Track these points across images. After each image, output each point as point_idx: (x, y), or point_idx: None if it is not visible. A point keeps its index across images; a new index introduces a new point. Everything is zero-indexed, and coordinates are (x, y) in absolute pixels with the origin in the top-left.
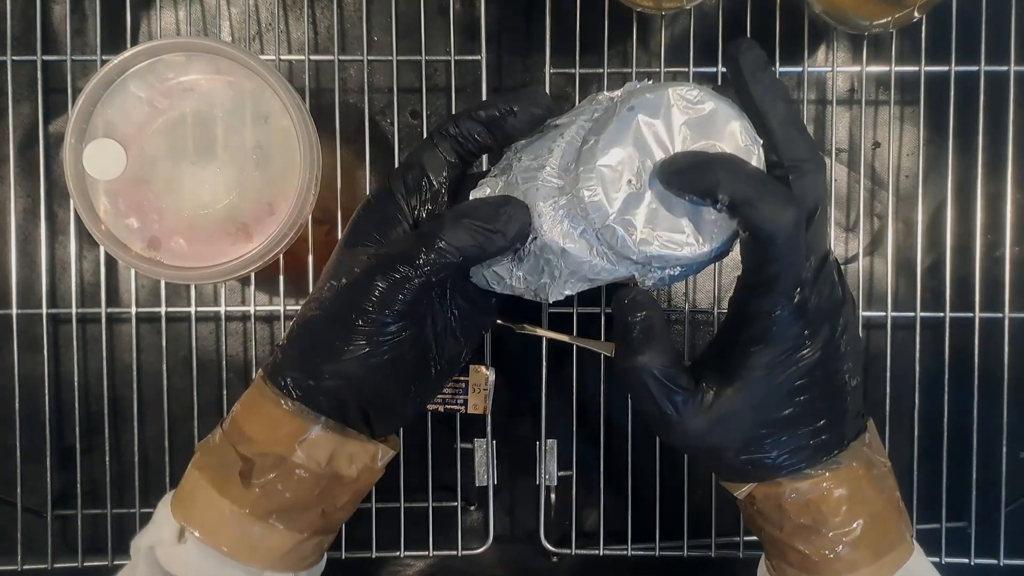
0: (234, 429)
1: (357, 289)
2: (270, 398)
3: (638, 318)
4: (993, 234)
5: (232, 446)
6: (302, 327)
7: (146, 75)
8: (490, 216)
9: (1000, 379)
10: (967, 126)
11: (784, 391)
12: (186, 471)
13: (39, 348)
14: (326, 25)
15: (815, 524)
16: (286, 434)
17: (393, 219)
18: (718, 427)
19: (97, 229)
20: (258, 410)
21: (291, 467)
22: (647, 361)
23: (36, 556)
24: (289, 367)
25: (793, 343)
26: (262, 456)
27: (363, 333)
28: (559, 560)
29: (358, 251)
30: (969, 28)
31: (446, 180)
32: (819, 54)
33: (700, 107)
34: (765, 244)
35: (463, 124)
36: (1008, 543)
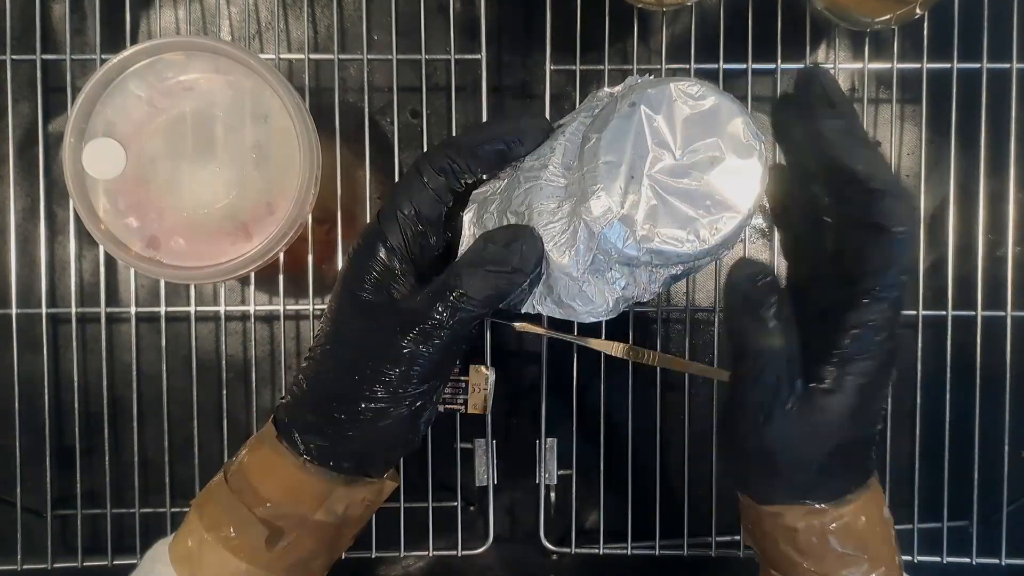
0: (246, 488)
1: (377, 352)
2: (290, 460)
3: (775, 299)
4: (995, 233)
5: (246, 507)
6: (315, 383)
7: (146, 74)
8: (503, 258)
9: (1002, 378)
10: (969, 124)
11: (872, 406)
12: (186, 526)
13: (39, 348)
14: (326, 24)
15: (858, 551)
16: (310, 496)
17: (393, 267)
18: (812, 439)
19: (96, 229)
20: (276, 472)
21: (312, 525)
22: (784, 343)
23: (36, 556)
24: (307, 428)
25: (887, 356)
26: (284, 518)
27: (389, 397)
28: (559, 559)
29: (363, 302)
30: (971, 25)
31: (441, 216)
32: (820, 51)
33: (702, 102)
34: (892, 246)
35: (461, 160)
36: (1010, 543)
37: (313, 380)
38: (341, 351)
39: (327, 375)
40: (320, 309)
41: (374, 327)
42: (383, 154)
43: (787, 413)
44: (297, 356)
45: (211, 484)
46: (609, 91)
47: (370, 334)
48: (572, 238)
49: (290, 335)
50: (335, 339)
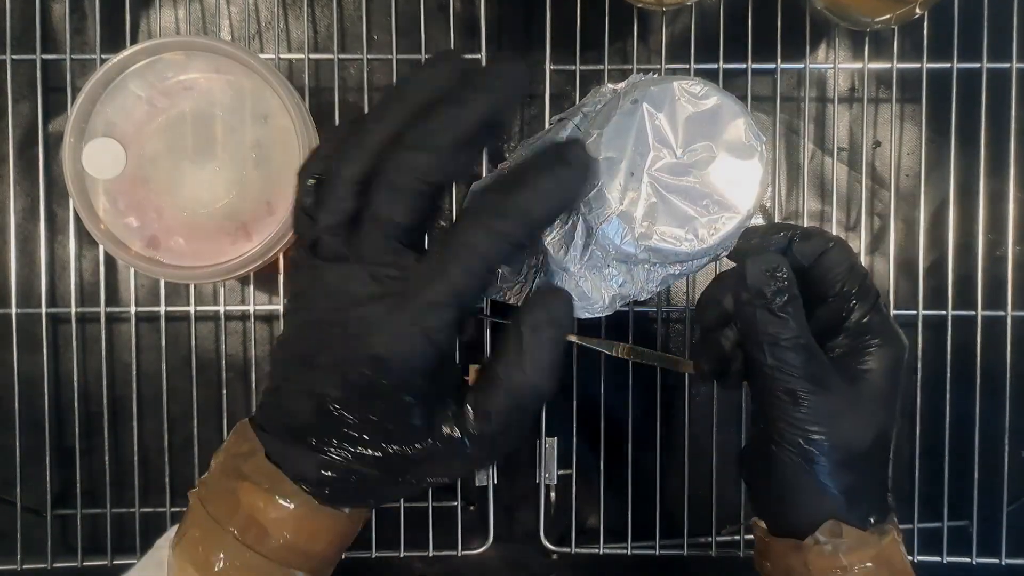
0: (298, 557)
1: (382, 389)
2: (326, 512)
3: (784, 284)
4: (995, 232)
5: (273, 562)
6: (326, 426)
7: (146, 74)
8: (553, 160)
9: (1002, 377)
10: (969, 124)
11: (889, 406)
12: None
13: (38, 348)
14: (326, 24)
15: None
16: (343, 539)
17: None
18: (846, 417)
19: (96, 228)
20: (320, 528)
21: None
22: (797, 330)
23: (36, 556)
24: (340, 496)
25: (896, 350)
26: (318, 560)
27: (409, 431)
28: (559, 559)
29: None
30: (971, 25)
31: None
32: (820, 51)
33: (704, 102)
34: (833, 268)
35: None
36: (1010, 542)
37: (326, 423)
38: (342, 392)
39: (341, 420)
40: None
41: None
42: None
43: (824, 383)
44: None
45: (196, 517)
46: (612, 87)
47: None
48: (570, 233)
49: None
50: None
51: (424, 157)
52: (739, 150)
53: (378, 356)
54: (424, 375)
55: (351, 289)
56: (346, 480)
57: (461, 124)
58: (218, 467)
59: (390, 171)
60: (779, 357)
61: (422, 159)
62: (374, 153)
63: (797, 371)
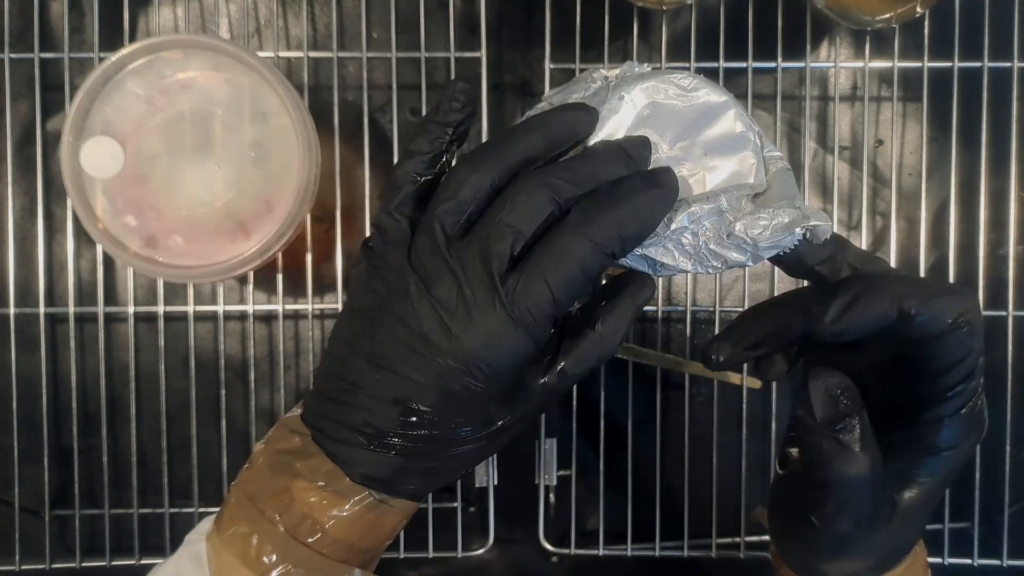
0: (351, 553)
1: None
2: (382, 508)
3: (857, 420)
4: (997, 232)
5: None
6: (409, 432)
7: (144, 72)
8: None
9: (1004, 378)
10: (970, 123)
11: (941, 495)
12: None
13: (36, 347)
14: (325, 22)
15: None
16: (394, 532)
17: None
18: (885, 546)
19: (95, 227)
20: (375, 523)
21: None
22: (867, 467)
23: (34, 556)
24: (409, 486)
25: (965, 454)
26: (370, 554)
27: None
28: (559, 560)
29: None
30: (972, 24)
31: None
32: (821, 50)
33: (694, 94)
34: (936, 343)
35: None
36: (1011, 544)
37: (407, 439)
38: (423, 406)
39: (424, 438)
40: (319, 309)
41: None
42: (382, 152)
43: (873, 537)
44: (296, 356)
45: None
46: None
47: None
48: None
49: (288, 335)
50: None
51: (562, 183)
52: (731, 141)
53: (475, 362)
54: (517, 375)
55: (445, 294)
56: (419, 473)
57: (591, 178)
58: (264, 462)
59: (531, 184)
60: (840, 496)
61: (560, 182)
62: (511, 168)
63: (854, 515)
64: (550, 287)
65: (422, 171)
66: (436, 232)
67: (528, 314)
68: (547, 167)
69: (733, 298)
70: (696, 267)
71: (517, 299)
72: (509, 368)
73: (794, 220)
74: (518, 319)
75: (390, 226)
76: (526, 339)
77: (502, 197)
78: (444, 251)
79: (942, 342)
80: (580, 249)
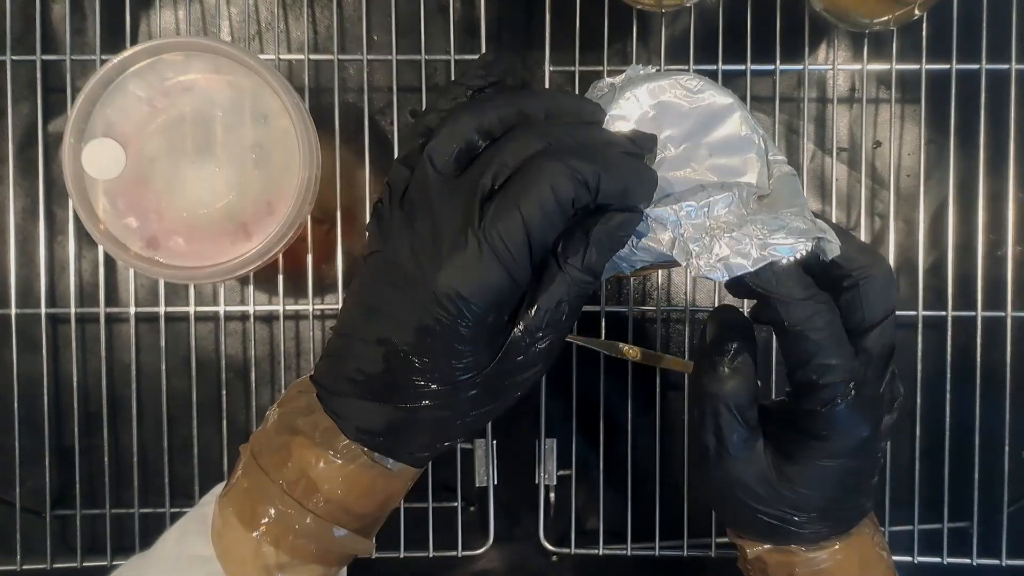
0: (346, 516)
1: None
2: (377, 470)
3: (734, 347)
4: (995, 233)
5: (307, 512)
6: (395, 374)
7: (146, 74)
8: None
9: (1002, 378)
10: (968, 124)
11: (833, 480)
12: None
13: (38, 348)
14: (326, 24)
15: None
16: (391, 499)
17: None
18: (762, 485)
19: (96, 229)
20: (371, 486)
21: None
22: (729, 392)
23: (35, 556)
24: (405, 445)
25: (853, 443)
26: (367, 519)
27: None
28: (559, 560)
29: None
30: (970, 26)
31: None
32: (820, 52)
33: (700, 96)
34: (800, 342)
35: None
36: (1010, 544)
37: (410, 412)
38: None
39: (432, 411)
40: (320, 309)
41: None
42: (383, 154)
43: (736, 453)
44: (297, 356)
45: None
46: (610, 81)
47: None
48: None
49: (289, 335)
50: (402, 341)
51: (560, 137)
52: (736, 143)
53: (445, 292)
54: (496, 308)
55: (424, 228)
56: (411, 427)
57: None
58: (274, 421)
59: (527, 133)
60: (704, 407)
61: (558, 136)
62: (507, 120)
63: (714, 429)
64: (521, 212)
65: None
66: (426, 167)
67: (500, 242)
68: (547, 123)
69: (733, 298)
70: (689, 257)
71: (488, 227)
72: (482, 302)
73: (809, 229)
74: (490, 248)
75: (396, 177)
76: (499, 270)
77: (495, 141)
78: (431, 185)
79: (792, 338)
80: (552, 171)
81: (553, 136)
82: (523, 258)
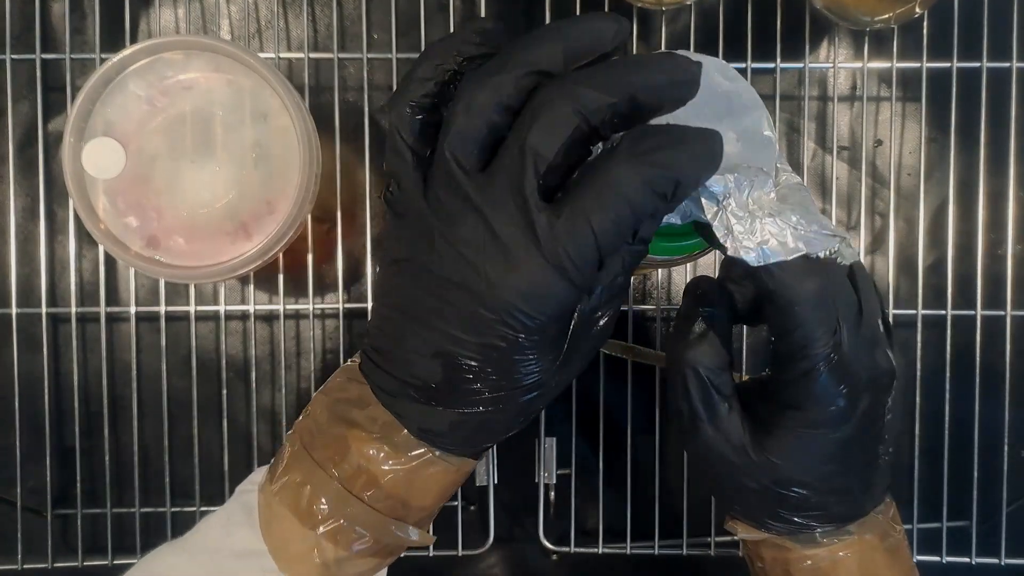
0: (406, 511)
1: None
2: (439, 464)
3: (704, 312)
4: (995, 231)
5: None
6: (457, 386)
7: (145, 73)
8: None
9: (1002, 377)
10: (969, 123)
11: (814, 457)
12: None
13: (38, 348)
14: (326, 23)
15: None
16: (449, 491)
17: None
18: (737, 453)
19: (96, 228)
20: (431, 480)
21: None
22: (697, 356)
23: (36, 556)
24: (468, 443)
25: (828, 413)
26: (425, 512)
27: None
28: (559, 558)
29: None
30: (971, 24)
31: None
32: (820, 50)
33: (735, 84)
34: (783, 311)
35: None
36: (1009, 543)
37: (467, 416)
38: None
39: (488, 409)
40: (320, 308)
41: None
42: (383, 153)
43: (712, 420)
44: (297, 355)
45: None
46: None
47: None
48: None
49: (290, 335)
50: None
51: (587, 91)
52: (759, 140)
53: (510, 312)
54: (561, 320)
55: (472, 237)
56: (475, 427)
57: (635, 82)
58: (323, 412)
59: (554, 98)
60: (672, 374)
61: (593, 96)
62: (524, 84)
63: (681, 396)
64: (593, 229)
65: (421, 99)
66: (451, 166)
67: (568, 259)
68: (569, 74)
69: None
70: (729, 233)
71: (556, 241)
72: (548, 317)
73: (836, 232)
74: (557, 264)
75: (397, 168)
76: (566, 286)
77: (521, 117)
78: (464, 186)
79: (778, 308)
80: (630, 184)
81: (588, 104)
82: (591, 273)
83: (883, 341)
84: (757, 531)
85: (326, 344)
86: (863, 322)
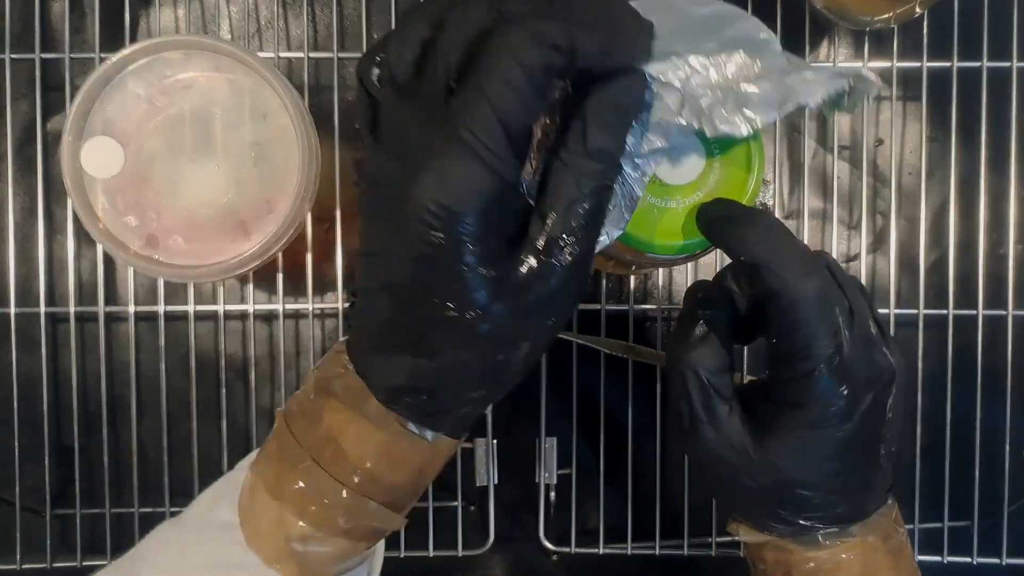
0: (375, 487)
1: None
2: (410, 439)
3: (705, 314)
4: (997, 231)
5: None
6: (406, 318)
7: (145, 73)
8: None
9: (1003, 376)
10: (970, 122)
11: (815, 456)
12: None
13: (37, 347)
14: (326, 23)
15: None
16: (425, 472)
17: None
18: (737, 454)
19: (95, 227)
20: (402, 455)
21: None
22: (697, 358)
23: (35, 555)
24: (433, 403)
25: (830, 413)
26: (398, 492)
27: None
28: (559, 559)
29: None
30: (971, 23)
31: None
32: (821, 50)
33: (709, 5)
34: (787, 310)
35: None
36: (1011, 542)
37: (439, 366)
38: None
39: (455, 361)
40: (319, 308)
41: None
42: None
43: (712, 422)
44: (297, 355)
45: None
46: None
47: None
48: None
49: (289, 334)
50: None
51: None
52: (753, 43)
53: (430, 207)
54: (490, 216)
55: (387, 139)
56: (435, 378)
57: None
58: (311, 386)
59: (471, 9)
60: (671, 372)
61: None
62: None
63: (680, 395)
64: (487, 96)
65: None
66: (386, 86)
67: (472, 134)
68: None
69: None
70: (701, 115)
71: (454, 118)
72: (470, 208)
73: (845, 72)
74: (462, 142)
75: (361, 109)
76: (479, 167)
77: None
78: (393, 102)
79: (780, 306)
80: (513, 41)
81: (507, 4)
82: (502, 148)
83: (878, 340)
84: (759, 533)
85: (325, 344)
86: (855, 321)
